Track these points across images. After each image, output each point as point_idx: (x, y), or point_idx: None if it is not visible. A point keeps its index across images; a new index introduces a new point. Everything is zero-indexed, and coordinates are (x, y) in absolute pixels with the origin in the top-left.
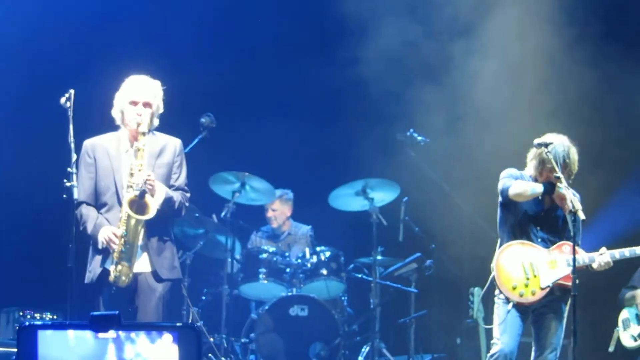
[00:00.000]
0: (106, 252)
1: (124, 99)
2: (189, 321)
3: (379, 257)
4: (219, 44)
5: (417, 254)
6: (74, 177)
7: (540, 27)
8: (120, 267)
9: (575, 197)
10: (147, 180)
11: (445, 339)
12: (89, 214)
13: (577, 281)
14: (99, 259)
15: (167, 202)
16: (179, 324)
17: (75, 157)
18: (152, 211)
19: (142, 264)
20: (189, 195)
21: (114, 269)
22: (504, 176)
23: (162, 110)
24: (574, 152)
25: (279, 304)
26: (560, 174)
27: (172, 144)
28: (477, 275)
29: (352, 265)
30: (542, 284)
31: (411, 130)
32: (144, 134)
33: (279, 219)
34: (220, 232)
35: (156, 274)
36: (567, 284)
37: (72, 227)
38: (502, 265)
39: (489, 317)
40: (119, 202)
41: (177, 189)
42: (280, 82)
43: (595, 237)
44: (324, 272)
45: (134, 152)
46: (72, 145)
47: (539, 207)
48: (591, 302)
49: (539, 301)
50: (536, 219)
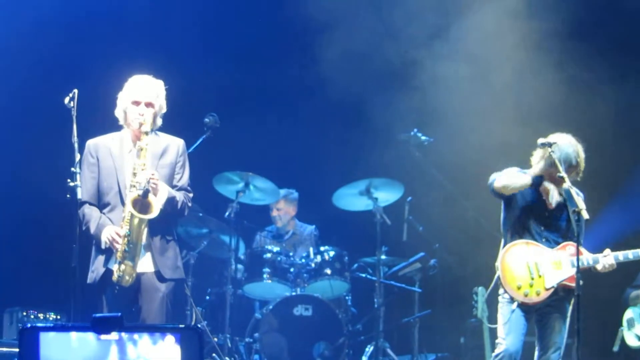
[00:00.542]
0: (109, 252)
1: (127, 99)
2: (193, 321)
3: (383, 257)
4: (223, 43)
5: (421, 254)
6: (78, 177)
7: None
8: (123, 266)
9: (579, 196)
10: (150, 179)
11: (449, 338)
12: (91, 214)
13: (581, 282)
14: (102, 258)
15: (170, 202)
16: (182, 326)
17: (78, 157)
18: (155, 210)
19: (146, 264)
20: (191, 195)
21: (117, 269)
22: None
23: (165, 110)
24: (581, 151)
25: (283, 304)
26: (564, 174)
27: (175, 144)
28: (481, 274)
29: (356, 264)
30: (546, 284)
31: (415, 130)
32: (146, 133)
33: (284, 218)
34: (224, 232)
35: (159, 274)
36: (571, 285)
37: (76, 227)
38: (507, 264)
39: (493, 316)
40: (122, 202)
41: (180, 189)
42: (283, 82)
43: (597, 238)
44: (328, 271)
45: (137, 152)
46: (76, 145)
47: (544, 207)
48: (595, 301)
49: (543, 301)
50: (540, 218)
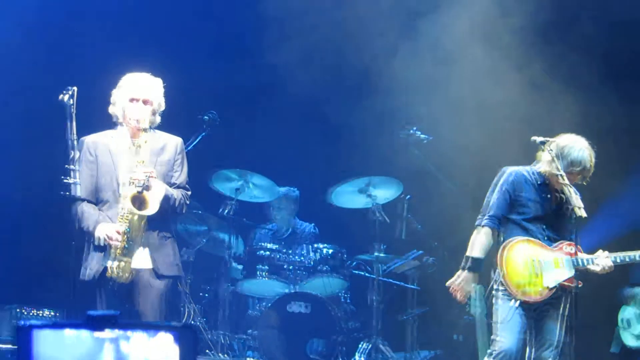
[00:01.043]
0: (105, 249)
1: (124, 97)
2: (189, 318)
3: (381, 255)
4: (221, 40)
5: (419, 252)
6: (73, 174)
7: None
8: (122, 263)
9: (576, 195)
10: (148, 175)
11: (443, 335)
12: (89, 212)
13: (580, 283)
14: (98, 255)
15: (167, 200)
16: (178, 324)
17: (76, 154)
18: (152, 206)
19: (143, 261)
20: (189, 193)
21: (115, 266)
22: (500, 186)
23: (163, 107)
24: (593, 156)
25: (280, 301)
26: (562, 172)
27: (173, 142)
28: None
29: (354, 262)
30: (546, 283)
31: (414, 128)
32: (145, 130)
33: (284, 216)
34: (222, 230)
35: (156, 271)
36: (570, 285)
37: (73, 224)
38: (509, 261)
39: (489, 314)
40: (119, 199)
41: (177, 187)
42: (282, 79)
43: (591, 238)
44: (326, 269)
45: (135, 149)
46: (75, 142)
47: (547, 206)
48: (592, 299)
49: (542, 300)
50: (544, 218)
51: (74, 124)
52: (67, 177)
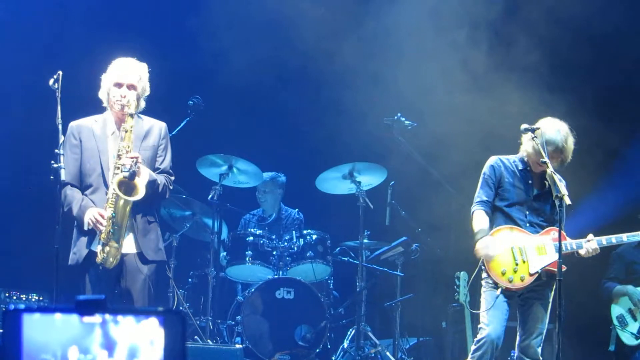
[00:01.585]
0: (92, 234)
1: (110, 81)
2: (175, 304)
3: (366, 241)
4: (206, 25)
5: (404, 238)
6: (61, 158)
7: None
8: (108, 248)
9: (561, 183)
10: (136, 161)
11: (430, 322)
12: (73, 195)
13: (564, 267)
14: (84, 240)
15: (151, 184)
16: (165, 308)
17: (62, 139)
18: (140, 192)
19: (128, 245)
20: (173, 178)
21: (101, 250)
22: (482, 176)
23: (148, 92)
24: (571, 141)
25: (265, 287)
26: (546, 159)
27: (158, 126)
28: (463, 259)
29: (339, 248)
30: (531, 269)
31: (398, 114)
32: (131, 115)
33: (270, 201)
34: (207, 215)
35: (142, 256)
36: (555, 269)
37: (59, 208)
38: None
39: (475, 301)
40: (105, 184)
41: (161, 172)
42: (268, 65)
43: (580, 224)
44: (311, 255)
45: (121, 134)
46: (60, 126)
47: (529, 191)
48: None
49: (527, 287)
50: (526, 203)
51: (58, 108)
52: (54, 162)
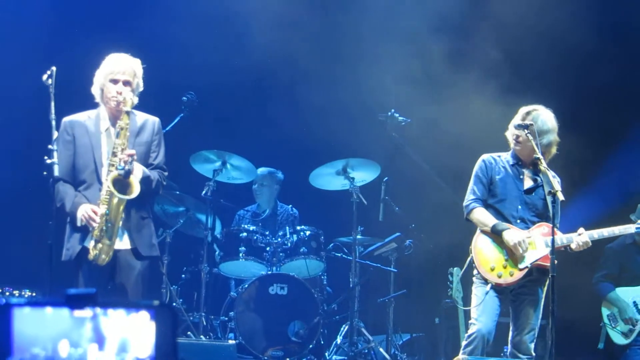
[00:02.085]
0: (85, 230)
1: (104, 77)
2: (168, 300)
3: (359, 237)
4: (201, 20)
5: (397, 234)
6: (55, 154)
7: None
8: (100, 245)
9: (555, 179)
10: (132, 159)
11: (424, 318)
12: (66, 191)
13: (556, 262)
14: (77, 236)
15: (145, 180)
16: (156, 302)
17: (56, 135)
18: (135, 191)
19: (122, 241)
20: (166, 174)
21: (93, 247)
22: (474, 173)
23: (142, 88)
24: (552, 126)
25: (259, 283)
26: (540, 155)
27: (151, 122)
28: (457, 255)
29: (332, 244)
30: (520, 264)
31: (392, 110)
32: (127, 113)
33: (267, 195)
34: (200, 211)
35: (136, 251)
36: (546, 264)
37: (52, 204)
38: (480, 246)
39: (467, 297)
40: (98, 180)
41: (155, 168)
42: (262, 62)
43: (572, 218)
44: (304, 251)
45: (117, 132)
46: (54, 122)
47: (520, 186)
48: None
49: (517, 282)
50: (516, 199)
51: (52, 103)
52: (48, 158)
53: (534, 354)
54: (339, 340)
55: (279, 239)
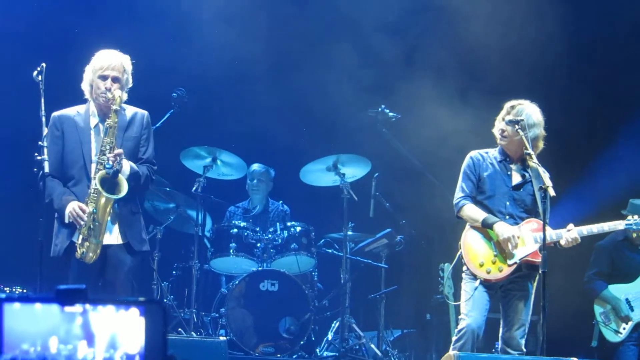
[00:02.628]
0: (73, 226)
1: (94, 73)
2: (158, 296)
3: (350, 233)
4: (191, 18)
5: (388, 230)
6: (45, 150)
7: None
8: (87, 243)
9: (545, 174)
10: (120, 159)
11: (415, 314)
12: (54, 187)
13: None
14: (65, 232)
15: (133, 176)
16: (146, 298)
17: (46, 131)
18: (123, 190)
19: (112, 237)
20: (155, 168)
21: (80, 245)
22: (463, 171)
23: (131, 84)
24: (538, 119)
25: (250, 279)
26: (531, 151)
27: (140, 116)
28: (447, 251)
29: (323, 240)
30: (509, 260)
31: (382, 106)
32: (116, 111)
33: (263, 191)
34: (191, 207)
35: (126, 247)
36: (535, 260)
37: (42, 200)
38: (469, 242)
39: (458, 293)
40: (87, 176)
41: (144, 162)
42: (252, 57)
43: (562, 215)
44: (295, 247)
45: (105, 130)
46: (44, 118)
47: (507, 182)
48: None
49: (506, 278)
50: (504, 195)
51: (42, 100)
52: (38, 154)
53: (524, 350)
54: (330, 336)
55: (270, 235)
